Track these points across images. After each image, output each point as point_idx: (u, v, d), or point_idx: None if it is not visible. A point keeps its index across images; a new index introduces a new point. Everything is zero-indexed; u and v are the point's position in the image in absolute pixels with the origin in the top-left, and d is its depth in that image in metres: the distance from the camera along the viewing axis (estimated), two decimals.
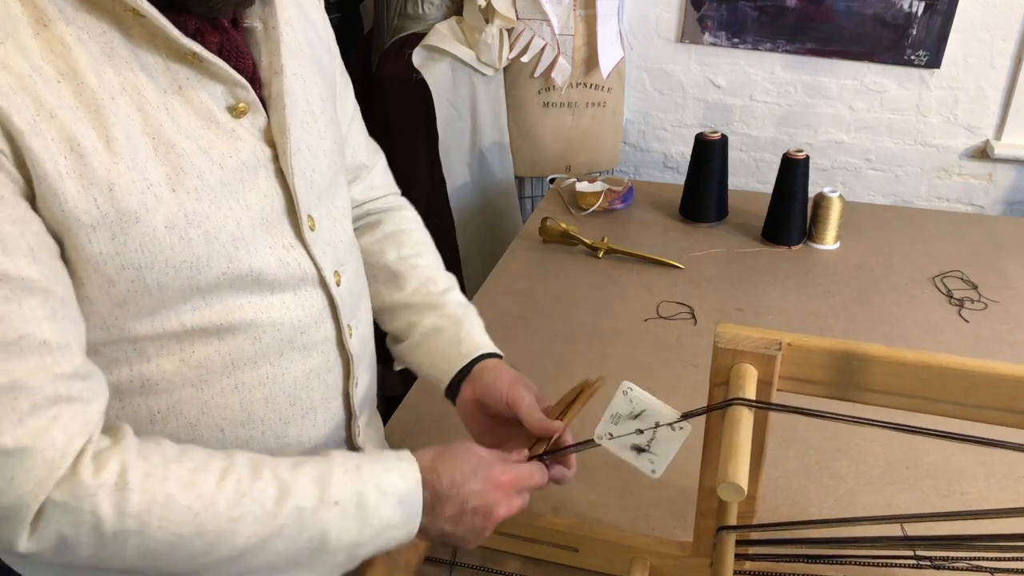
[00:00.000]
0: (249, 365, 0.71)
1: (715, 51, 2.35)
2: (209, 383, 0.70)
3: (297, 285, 0.73)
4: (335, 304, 0.77)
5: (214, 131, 0.65)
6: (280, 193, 0.71)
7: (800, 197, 1.65)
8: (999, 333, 1.38)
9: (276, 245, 0.71)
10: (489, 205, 2.33)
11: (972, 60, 2.17)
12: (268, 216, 0.70)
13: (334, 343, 0.79)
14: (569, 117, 2.23)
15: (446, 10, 2.13)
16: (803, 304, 1.47)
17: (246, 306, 0.69)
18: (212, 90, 0.65)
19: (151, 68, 0.62)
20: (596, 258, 1.62)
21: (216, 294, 0.67)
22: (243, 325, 0.70)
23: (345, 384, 0.82)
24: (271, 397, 0.74)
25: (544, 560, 0.91)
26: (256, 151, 0.68)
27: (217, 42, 0.65)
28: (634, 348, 1.33)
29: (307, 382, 0.77)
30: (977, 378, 0.66)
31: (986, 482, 1.04)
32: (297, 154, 0.71)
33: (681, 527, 0.96)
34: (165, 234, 0.62)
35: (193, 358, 0.68)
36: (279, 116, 0.70)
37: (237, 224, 0.67)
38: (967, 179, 2.33)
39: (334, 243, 0.78)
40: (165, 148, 0.62)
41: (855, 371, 0.69)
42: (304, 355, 0.76)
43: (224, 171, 0.65)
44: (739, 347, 0.70)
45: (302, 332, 0.74)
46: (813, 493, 1.02)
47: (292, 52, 0.74)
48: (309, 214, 0.73)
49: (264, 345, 0.72)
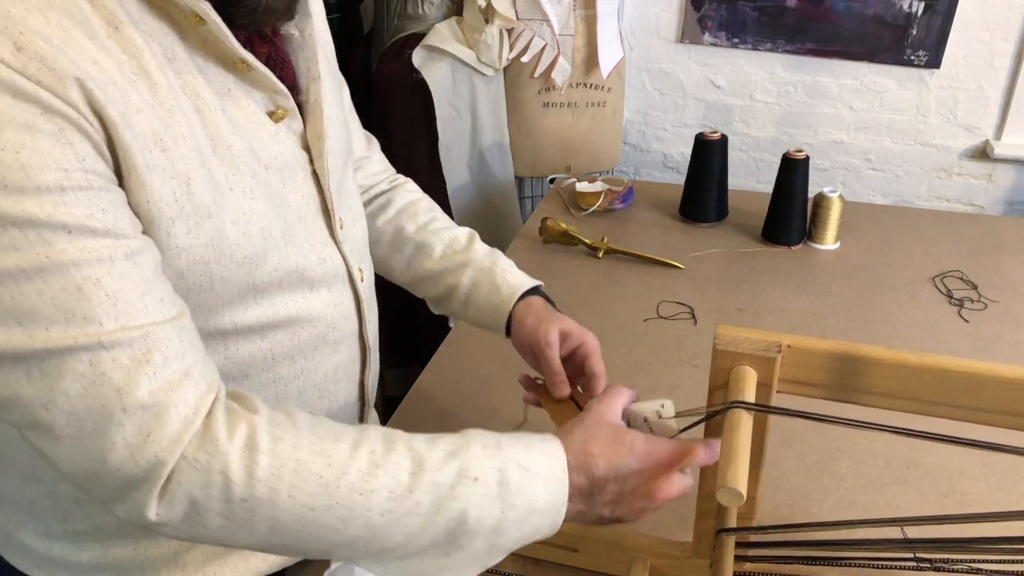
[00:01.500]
0: (287, 360, 0.74)
1: (715, 51, 2.35)
2: (250, 377, 0.73)
3: (332, 282, 0.77)
4: (359, 299, 0.81)
5: (260, 134, 0.68)
6: (316, 194, 0.75)
7: (800, 197, 1.65)
8: (999, 333, 1.38)
9: (315, 243, 0.74)
10: (489, 205, 2.33)
11: (972, 60, 2.17)
12: (306, 215, 0.73)
13: (357, 336, 0.83)
14: (569, 117, 2.23)
15: (446, 10, 2.13)
16: (803, 304, 1.47)
17: (290, 303, 0.72)
18: (255, 96, 0.68)
19: (206, 72, 0.64)
20: (596, 258, 1.62)
21: (267, 292, 0.70)
22: (286, 321, 0.72)
23: (362, 375, 0.86)
24: (304, 389, 0.77)
25: (544, 560, 0.91)
26: (295, 154, 0.72)
27: (265, 52, 0.69)
28: (634, 348, 1.33)
29: (335, 374, 0.80)
30: (978, 380, 0.66)
31: (986, 483, 1.04)
32: (327, 157, 0.75)
33: (681, 527, 0.96)
34: (232, 229, 0.64)
35: (237, 355, 0.71)
36: (316, 121, 0.74)
37: (285, 222, 0.70)
38: (967, 179, 2.33)
39: (357, 240, 0.82)
40: (223, 148, 0.64)
41: (855, 373, 0.69)
42: (334, 349, 0.79)
43: (270, 172, 0.68)
44: (738, 349, 0.70)
45: (334, 327, 0.78)
46: (813, 493, 1.02)
47: (323, 56, 0.77)
48: (339, 215, 0.77)
49: (301, 340, 0.75)
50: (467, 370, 1.27)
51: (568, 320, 0.89)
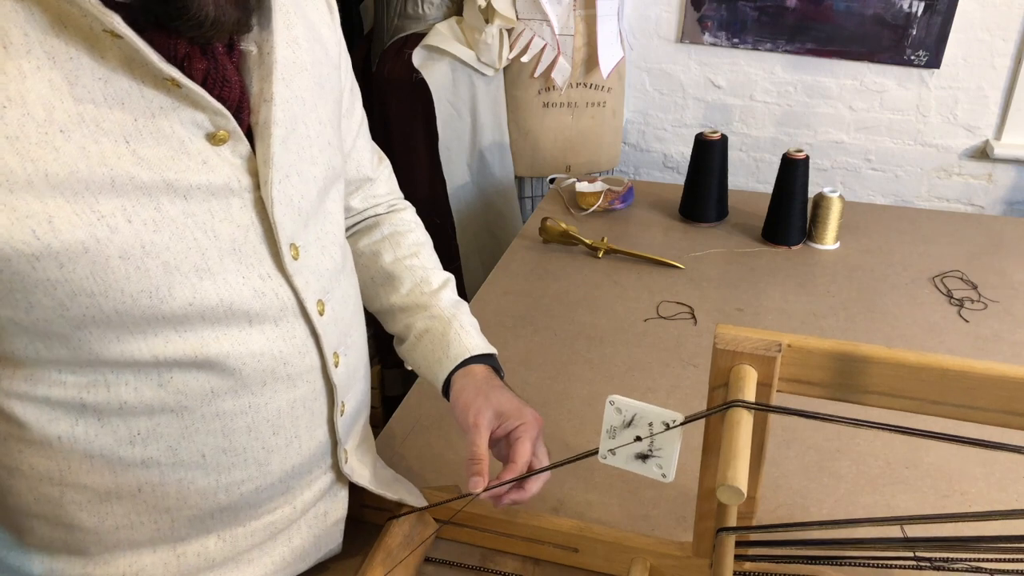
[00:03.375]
0: (230, 395, 0.70)
1: (715, 51, 2.35)
2: (189, 410, 0.69)
3: (278, 316, 0.71)
4: (317, 334, 0.75)
5: (183, 160, 0.63)
6: (258, 223, 0.69)
7: (800, 197, 1.65)
8: (999, 333, 1.38)
9: (251, 275, 0.69)
10: (489, 205, 2.33)
11: (972, 60, 2.17)
12: (241, 246, 0.68)
13: (319, 372, 0.77)
14: (569, 117, 2.23)
15: (446, 10, 2.13)
16: (803, 304, 1.47)
17: (223, 339, 0.68)
18: (191, 117, 0.63)
19: (123, 95, 0.59)
20: (596, 258, 1.62)
21: (188, 326, 0.66)
22: (220, 357, 0.68)
23: (330, 412, 0.80)
24: (254, 426, 0.73)
25: (544, 560, 0.91)
26: (232, 180, 0.66)
27: (203, 69, 0.63)
28: (634, 348, 1.33)
29: (291, 411, 0.75)
30: (978, 380, 0.66)
31: (986, 482, 1.04)
32: (284, 182, 0.70)
33: (681, 527, 0.96)
34: (120, 264, 0.61)
35: (172, 384, 0.67)
36: (264, 145, 0.68)
37: (201, 255, 0.65)
38: (967, 179, 2.33)
39: (320, 271, 0.76)
40: (123, 179, 0.60)
41: (855, 372, 0.69)
42: (288, 385, 0.74)
43: (190, 201, 0.64)
44: (738, 348, 0.70)
45: (285, 363, 0.73)
46: (813, 493, 1.02)
47: (291, 75, 0.71)
48: (293, 243, 0.72)
49: (245, 376, 0.70)
50: None
51: (509, 399, 0.85)
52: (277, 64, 0.69)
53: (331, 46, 0.80)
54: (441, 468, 1.06)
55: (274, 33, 0.69)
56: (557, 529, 0.89)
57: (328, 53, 0.79)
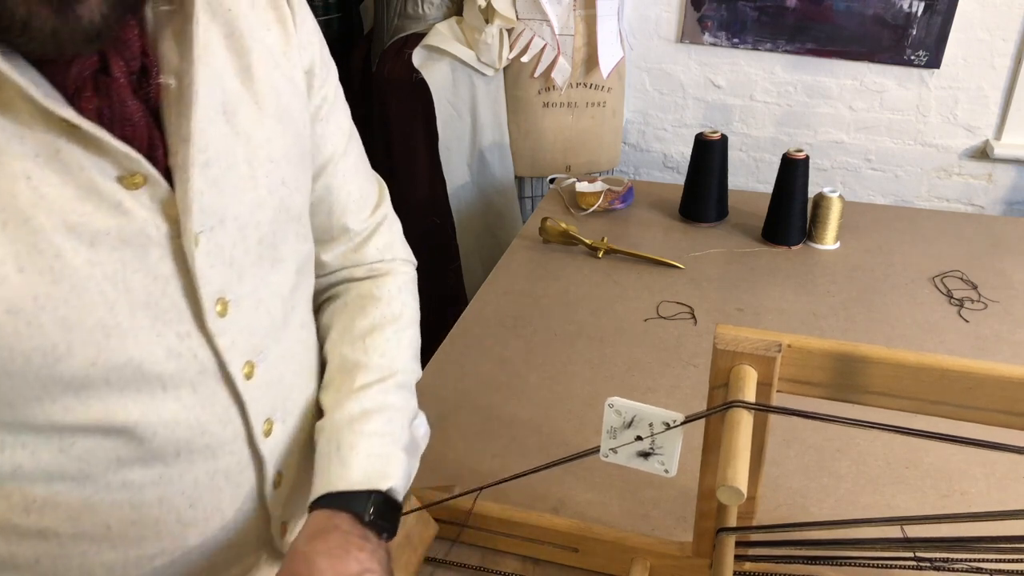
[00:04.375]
0: (138, 463, 0.63)
1: (715, 51, 2.35)
2: (92, 478, 0.61)
3: (195, 380, 0.63)
4: (242, 401, 0.67)
5: (92, 203, 0.56)
6: (179, 275, 0.61)
7: (800, 197, 1.65)
8: (999, 333, 1.38)
9: (167, 333, 0.61)
10: (489, 205, 2.33)
11: (972, 60, 2.17)
12: (158, 301, 0.60)
13: (245, 443, 0.69)
14: (569, 117, 2.23)
15: (446, 10, 2.13)
16: (803, 304, 1.47)
17: (131, 405, 0.60)
18: (96, 159, 0.56)
19: (22, 130, 0.53)
20: (596, 258, 1.62)
21: (92, 391, 0.58)
22: (128, 426, 0.61)
23: (259, 485, 0.71)
24: (166, 498, 0.65)
25: (544, 560, 0.91)
26: (148, 227, 0.58)
27: (94, 107, 0.55)
28: (634, 348, 1.33)
29: (211, 482, 0.67)
30: (977, 380, 0.66)
31: (986, 482, 1.04)
32: (217, 228, 0.62)
33: (681, 527, 0.96)
34: (7, 319, 0.54)
35: (73, 450, 0.60)
36: (182, 190, 0.60)
37: (109, 310, 0.57)
38: (967, 179, 2.33)
39: (252, 329, 0.67)
40: (16, 224, 0.53)
41: (855, 373, 0.69)
42: (206, 456, 0.66)
43: (95, 250, 0.56)
44: (739, 348, 0.70)
45: (203, 432, 0.65)
46: (813, 493, 1.02)
47: (234, 110, 0.63)
48: (221, 297, 0.63)
49: (156, 447, 0.63)
50: (467, 370, 1.27)
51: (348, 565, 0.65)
52: (201, 100, 0.60)
53: (296, 72, 0.70)
54: (441, 468, 1.06)
55: (196, 64, 0.60)
56: (557, 529, 0.89)
57: (292, 80, 0.70)
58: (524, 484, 0.87)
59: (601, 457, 0.76)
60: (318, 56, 0.73)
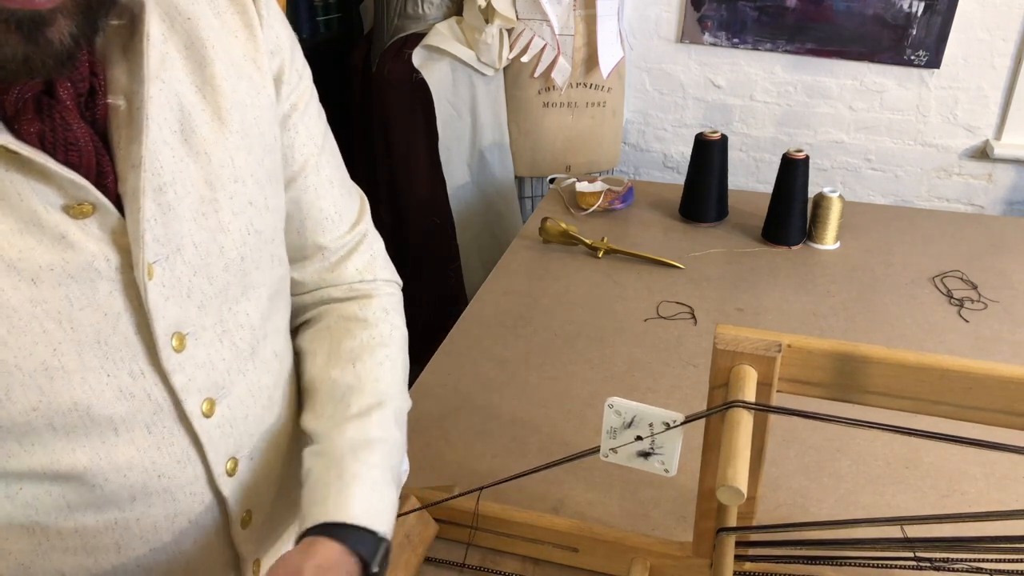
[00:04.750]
0: (91, 509, 0.59)
1: (715, 51, 2.35)
2: (42, 525, 0.58)
3: (150, 421, 0.60)
4: (200, 442, 0.63)
5: (34, 237, 0.52)
6: (131, 310, 0.57)
7: (800, 197, 1.65)
8: (999, 333, 1.38)
9: (118, 373, 0.57)
10: (489, 205, 2.33)
11: (972, 60, 2.17)
12: (108, 338, 0.56)
13: (205, 483, 0.65)
14: (569, 117, 2.23)
15: (446, 10, 2.13)
16: (803, 304, 1.47)
17: (79, 451, 0.57)
18: (39, 187, 0.52)
19: None
20: (596, 258, 1.62)
21: (35, 437, 0.55)
22: (76, 472, 0.57)
23: (225, 526, 0.68)
24: (124, 543, 0.61)
25: (544, 560, 0.91)
26: (98, 260, 0.55)
27: (36, 131, 0.51)
28: (634, 348, 1.33)
29: (172, 526, 0.63)
30: (977, 380, 0.66)
31: (986, 482, 1.04)
32: (173, 256, 0.58)
33: (681, 527, 0.96)
34: None
35: (19, 497, 0.56)
36: (132, 220, 0.56)
37: (53, 351, 0.54)
38: (967, 179, 2.33)
39: (213, 362, 0.63)
40: None
41: (855, 373, 0.69)
42: (165, 499, 0.62)
43: (38, 287, 0.53)
44: (739, 348, 0.70)
45: (159, 476, 0.61)
46: (813, 493, 1.02)
47: (193, 128, 0.60)
48: (177, 331, 0.60)
49: (108, 492, 0.59)
50: (467, 370, 1.27)
51: None
52: (152, 121, 0.56)
53: (266, 82, 0.66)
54: (441, 468, 1.06)
55: (146, 83, 0.56)
56: (557, 529, 0.89)
57: (260, 91, 0.65)
58: (524, 484, 0.87)
59: (601, 457, 0.76)
60: (288, 59, 0.68)
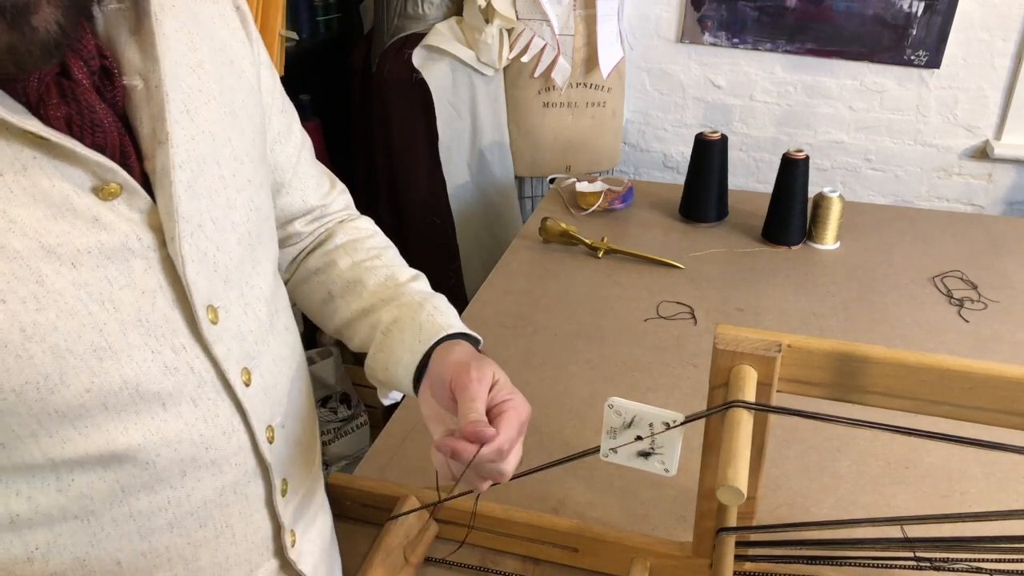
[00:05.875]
0: (144, 491, 0.60)
1: (715, 51, 2.35)
2: (97, 514, 0.59)
3: (195, 394, 0.61)
4: (244, 410, 0.65)
5: (68, 221, 0.53)
6: (167, 286, 0.58)
7: (800, 197, 1.65)
8: (999, 333, 1.38)
9: (162, 349, 0.58)
10: (489, 205, 2.33)
11: (972, 60, 2.17)
12: (148, 315, 0.57)
13: (250, 452, 0.67)
14: (569, 117, 2.23)
15: (446, 10, 2.13)
16: (803, 304, 1.47)
17: (131, 429, 0.58)
18: (71, 170, 0.53)
19: None
20: (596, 258, 1.62)
21: (90, 419, 0.56)
22: (130, 451, 0.58)
23: (268, 494, 0.70)
24: (176, 522, 0.63)
25: (544, 560, 0.91)
26: (130, 239, 0.56)
27: (63, 114, 0.52)
28: (634, 348, 1.33)
29: (220, 499, 0.66)
30: (977, 380, 0.66)
31: (986, 483, 1.04)
32: (197, 233, 0.60)
33: (681, 527, 0.96)
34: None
35: (72, 488, 0.57)
36: (165, 195, 0.57)
37: (99, 332, 0.55)
38: (967, 179, 2.33)
39: (243, 334, 0.65)
40: None
41: (855, 373, 0.69)
42: (213, 472, 0.64)
43: (78, 270, 0.53)
44: (739, 348, 0.70)
45: (207, 448, 0.63)
46: (813, 493, 1.02)
47: (196, 107, 0.61)
48: (211, 304, 0.61)
49: (160, 469, 0.60)
50: None
51: (505, 375, 0.72)
52: (170, 98, 0.58)
53: (246, 66, 0.69)
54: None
55: (161, 62, 0.57)
56: (557, 529, 0.89)
57: (243, 75, 0.68)
58: (524, 484, 0.87)
59: (601, 457, 0.76)
60: (261, 48, 0.74)
